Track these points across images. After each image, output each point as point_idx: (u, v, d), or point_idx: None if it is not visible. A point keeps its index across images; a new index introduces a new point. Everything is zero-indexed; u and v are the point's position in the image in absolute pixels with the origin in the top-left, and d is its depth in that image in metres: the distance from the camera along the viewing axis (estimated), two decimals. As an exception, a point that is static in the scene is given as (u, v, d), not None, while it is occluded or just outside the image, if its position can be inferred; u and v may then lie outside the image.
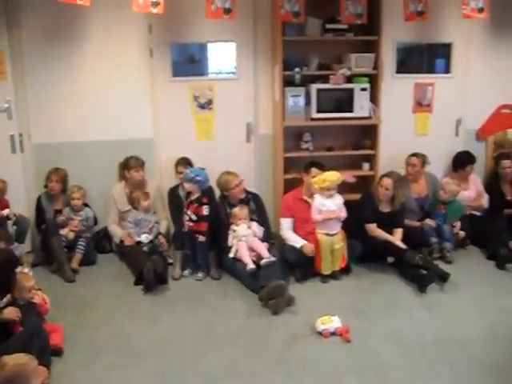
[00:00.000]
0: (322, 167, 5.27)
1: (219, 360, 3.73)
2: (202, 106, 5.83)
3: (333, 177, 4.93)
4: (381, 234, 5.22)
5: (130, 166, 5.53)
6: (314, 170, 5.24)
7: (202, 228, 4.99)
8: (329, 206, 4.95)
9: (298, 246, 5.07)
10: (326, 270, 4.97)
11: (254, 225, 5.11)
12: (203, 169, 5.09)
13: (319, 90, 5.53)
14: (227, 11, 5.04)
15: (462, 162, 6.13)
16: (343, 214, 5.01)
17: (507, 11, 6.00)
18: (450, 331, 4.12)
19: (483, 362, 3.71)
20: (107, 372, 3.58)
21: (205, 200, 5.00)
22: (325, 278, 4.99)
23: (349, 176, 5.51)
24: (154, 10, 4.80)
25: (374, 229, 5.24)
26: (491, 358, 3.75)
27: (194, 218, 4.98)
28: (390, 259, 5.18)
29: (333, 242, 4.93)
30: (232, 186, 5.20)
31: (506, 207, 5.96)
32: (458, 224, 5.65)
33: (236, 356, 3.77)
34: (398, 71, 6.10)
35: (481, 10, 5.45)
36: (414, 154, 5.91)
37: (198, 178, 4.95)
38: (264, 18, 5.67)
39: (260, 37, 5.72)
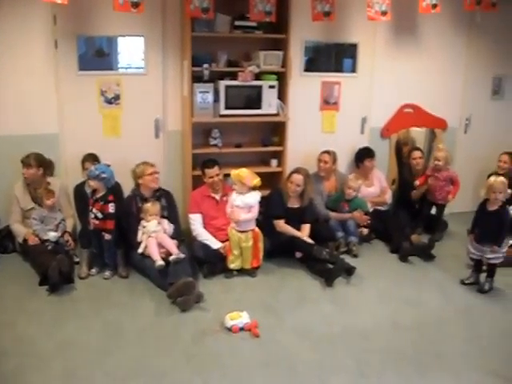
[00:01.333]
0: (215, 164, 5.28)
1: (127, 359, 3.67)
2: (109, 102, 5.69)
3: (233, 173, 4.98)
4: (289, 229, 5.29)
5: (22, 163, 5.29)
6: (206, 171, 5.26)
7: (108, 226, 4.87)
8: (237, 202, 4.98)
9: (214, 247, 5.08)
10: (232, 263, 5.01)
11: (165, 222, 5.05)
12: (109, 165, 4.97)
13: (228, 87, 5.54)
14: (135, 5, 4.94)
15: (360, 157, 6.32)
16: (251, 213, 5.00)
17: (408, 14, 6.22)
18: (356, 323, 4.26)
19: (385, 350, 3.88)
20: (10, 377, 3.43)
21: (110, 197, 4.88)
22: (231, 274, 5.02)
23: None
24: (59, 1, 4.63)
25: (281, 225, 5.32)
26: (393, 347, 3.93)
27: (99, 215, 4.85)
28: (298, 254, 5.28)
29: (240, 239, 4.96)
30: (146, 173, 5.11)
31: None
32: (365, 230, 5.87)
33: (145, 355, 3.73)
34: (307, 69, 6.20)
35: (384, 13, 5.64)
36: (326, 151, 6.04)
37: (104, 175, 4.83)
38: (173, 13, 5.60)
39: (169, 32, 5.64)
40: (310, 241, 5.21)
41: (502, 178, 4.85)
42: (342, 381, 3.52)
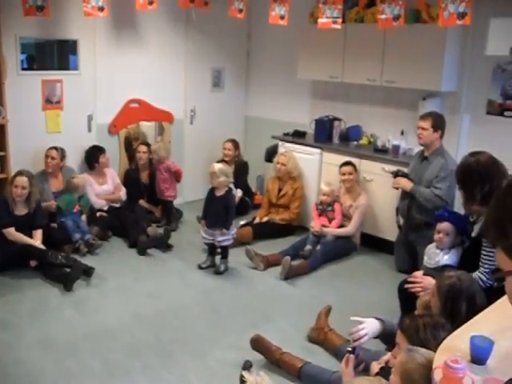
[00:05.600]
0: None
1: None
2: None
3: None
4: (20, 237, 5.00)
5: None
6: None
7: None
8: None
9: None
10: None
11: None
12: None
13: None
14: None
15: (93, 155, 6.21)
16: None
17: (126, 10, 6.24)
18: (100, 324, 4.23)
19: (131, 346, 3.92)
20: None
21: None
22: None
23: None
24: None
25: (12, 233, 5.00)
26: (138, 341, 3.99)
27: None
28: (33, 263, 4.99)
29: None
30: None
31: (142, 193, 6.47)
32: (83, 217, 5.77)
33: None
34: (26, 68, 5.87)
35: (101, 9, 5.54)
36: (54, 147, 5.81)
37: None
38: None
39: None
40: (42, 246, 5.00)
41: (219, 165, 5.22)
42: (89, 386, 3.48)
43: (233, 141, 6.99)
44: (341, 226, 5.76)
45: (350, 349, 2.77)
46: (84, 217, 5.75)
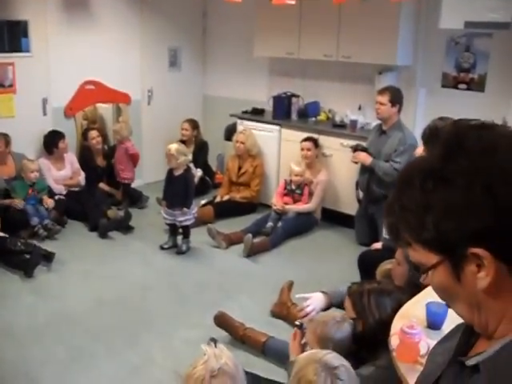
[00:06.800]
0: None
1: None
2: None
3: None
4: None
5: None
6: None
7: None
8: None
9: None
10: None
11: None
12: None
13: None
14: None
15: (52, 141, 6.05)
16: None
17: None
18: (62, 309, 4.18)
19: (94, 329, 3.91)
20: None
21: None
22: None
23: None
24: None
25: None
26: (101, 324, 3.98)
27: None
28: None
29: None
30: None
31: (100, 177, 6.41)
32: (49, 201, 5.64)
33: None
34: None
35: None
36: None
37: None
38: None
39: None
40: (0, 234, 4.91)
41: (174, 145, 5.17)
42: (53, 372, 3.43)
43: (190, 121, 6.94)
44: (303, 202, 5.81)
45: (298, 323, 2.79)
46: (47, 199, 5.63)
